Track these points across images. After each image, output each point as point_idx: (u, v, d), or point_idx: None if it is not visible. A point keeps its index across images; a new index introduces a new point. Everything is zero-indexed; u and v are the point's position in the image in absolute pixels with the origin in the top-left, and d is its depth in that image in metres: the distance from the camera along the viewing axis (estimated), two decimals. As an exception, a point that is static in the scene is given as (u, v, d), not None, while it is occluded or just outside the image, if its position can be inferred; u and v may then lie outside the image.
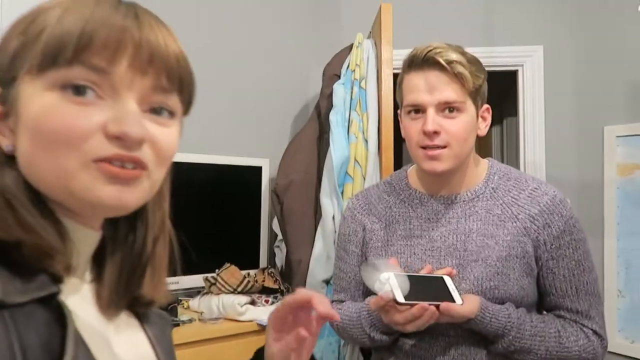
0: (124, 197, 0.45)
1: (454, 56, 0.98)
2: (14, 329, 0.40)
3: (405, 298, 0.91)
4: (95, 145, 0.43)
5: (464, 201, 1.08)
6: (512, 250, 1.02)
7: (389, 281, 0.92)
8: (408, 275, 0.94)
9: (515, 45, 2.36)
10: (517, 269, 1.02)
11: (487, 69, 1.08)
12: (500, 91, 2.35)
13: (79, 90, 0.43)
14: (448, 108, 0.99)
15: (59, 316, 0.43)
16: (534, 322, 1.02)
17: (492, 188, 1.08)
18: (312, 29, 2.45)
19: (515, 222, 1.04)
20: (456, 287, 0.97)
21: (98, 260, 0.54)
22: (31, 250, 0.43)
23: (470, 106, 1.01)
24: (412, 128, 1.03)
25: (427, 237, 1.07)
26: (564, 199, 1.07)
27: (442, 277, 0.97)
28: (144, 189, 0.47)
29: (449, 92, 0.98)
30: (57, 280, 0.45)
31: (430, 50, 0.99)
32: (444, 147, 1.00)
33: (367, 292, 1.12)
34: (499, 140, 3.45)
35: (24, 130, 0.44)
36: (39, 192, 0.46)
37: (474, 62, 1.02)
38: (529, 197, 1.06)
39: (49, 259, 0.44)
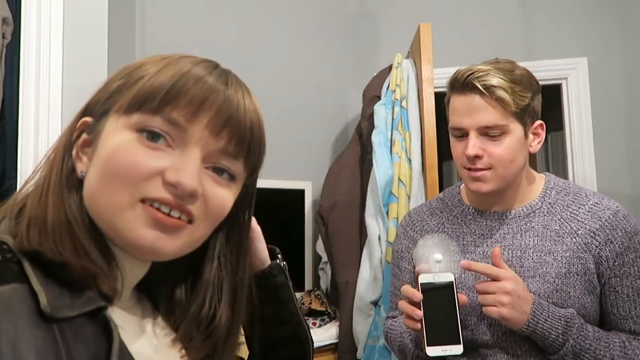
0: (160, 243, 0.47)
1: (494, 80, 0.96)
2: (62, 342, 0.41)
3: (424, 291, 0.92)
4: (150, 187, 0.46)
5: (519, 217, 1.05)
6: (572, 267, 0.99)
7: (437, 266, 0.93)
8: (449, 293, 0.92)
9: (558, 58, 2.31)
10: (578, 286, 0.98)
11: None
12: (543, 106, 2.31)
13: (153, 135, 0.47)
14: (489, 131, 0.98)
15: (106, 330, 0.45)
16: (595, 328, 0.97)
17: (549, 203, 1.05)
18: (349, 52, 2.48)
19: (575, 237, 1.00)
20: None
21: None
22: (77, 271, 0.45)
23: (515, 127, 0.99)
24: (457, 149, 1.04)
25: (480, 253, 1.05)
26: (628, 214, 1.02)
27: (458, 334, 0.91)
28: (184, 241, 0.49)
29: (490, 116, 0.97)
30: (106, 299, 0.47)
31: (471, 74, 0.98)
32: (488, 168, 0.99)
33: None
34: (544, 156, 3.36)
35: (96, 161, 0.48)
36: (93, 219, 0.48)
37: (520, 81, 0.99)
38: (589, 212, 1.02)
39: (93, 280, 0.46)
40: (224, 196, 0.51)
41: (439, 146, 1.76)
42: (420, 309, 0.91)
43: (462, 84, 1.00)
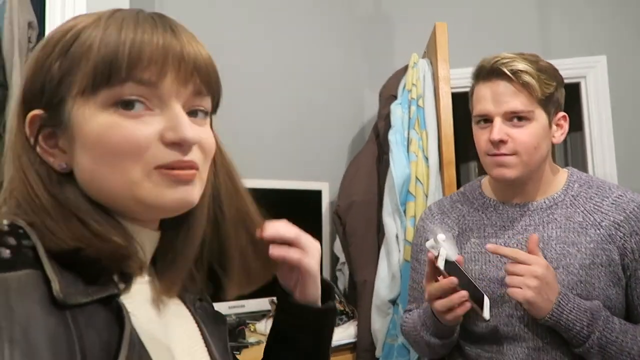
0: (187, 196, 0.49)
1: (520, 66, 0.98)
2: (74, 328, 0.41)
3: (449, 272, 0.94)
4: (156, 153, 0.47)
5: (541, 209, 1.05)
6: (596, 258, 0.98)
7: (442, 245, 0.95)
8: (459, 267, 0.96)
9: (575, 56, 2.29)
10: (603, 278, 0.97)
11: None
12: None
13: (127, 104, 0.46)
14: (516, 117, 0.99)
15: (118, 317, 0.45)
16: (621, 321, 0.96)
17: (572, 196, 1.05)
18: (365, 53, 2.49)
19: (599, 229, 1.00)
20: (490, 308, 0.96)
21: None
22: (107, 255, 0.45)
23: (540, 115, 1.00)
24: (480, 137, 1.05)
25: (501, 244, 1.05)
26: None
27: (482, 294, 0.95)
28: (199, 186, 0.51)
29: (516, 102, 0.98)
30: (126, 280, 0.47)
31: (497, 61, 1.00)
32: (512, 154, 0.99)
33: None
34: (563, 156, 3.32)
35: (82, 149, 0.47)
36: (97, 203, 0.48)
37: (545, 70, 1.01)
38: (613, 204, 1.02)
39: (125, 260, 0.46)
40: (209, 133, 0.53)
41: (456, 147, 1.76)
42: (458, 290, 0.93)
43: (488, 70, 1.01)
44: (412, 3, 2.48)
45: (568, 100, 2.45)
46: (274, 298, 1.82)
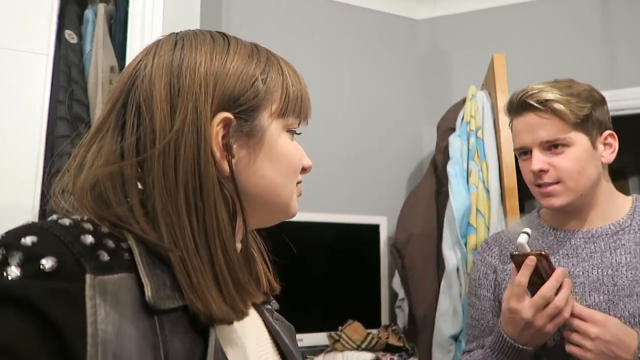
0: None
1: (548, 95, 0.99)
2: (160, 334, 0.42)
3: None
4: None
5: (606, 235, 1.01)
6: None
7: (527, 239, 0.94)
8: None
9: (644, 85, 2.20)
10: None
11: (613, 113, 1.07)
12: (632, 137, 2.16)
13: (293, 133, 0.58)
14: (552, 145, 1.00)
15: (201, 326, 0.46)
16: None
17: None
18: (422, 87, 2.51)
19: None
20: None
21: None
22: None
23: (579, 138, 0.99)
24: (525, 169, 1.06)
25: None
26: None
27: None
28: None
29: (547, 131, 0.99)
30: None
31: (524, 94, 1.02)
32: (557, 182, 0.99)
33: None
34: (638, 189, 3.12)
35: (268, 159, 0.54)
36: None
37: (578, 94, 1.00)
38: None
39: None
40: None
41: (520, 181, 1.71)
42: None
43: (517, 105, 1.03)
44: (469, 37, 2.49)
45: (637, 130, 2.31)
46: (332, 332, 1.82)
